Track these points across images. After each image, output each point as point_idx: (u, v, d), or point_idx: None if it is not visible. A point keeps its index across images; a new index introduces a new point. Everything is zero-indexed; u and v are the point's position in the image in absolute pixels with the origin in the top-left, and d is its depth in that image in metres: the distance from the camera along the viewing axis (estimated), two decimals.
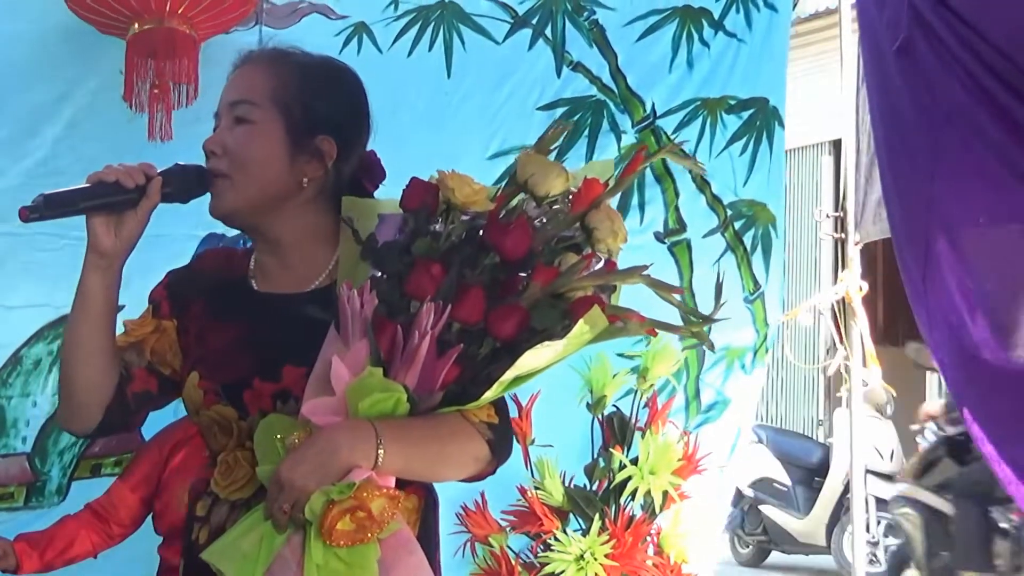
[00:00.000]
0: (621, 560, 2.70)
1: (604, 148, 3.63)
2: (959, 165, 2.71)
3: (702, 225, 3.71)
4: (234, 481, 1.84)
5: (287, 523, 1.67)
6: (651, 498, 2.81)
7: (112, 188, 1.83)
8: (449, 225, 1.75)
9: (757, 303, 3.76)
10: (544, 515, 2.76)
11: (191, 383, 1.88)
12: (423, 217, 1.76)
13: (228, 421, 1.84)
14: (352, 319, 1.71)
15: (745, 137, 3.74)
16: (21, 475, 3.25)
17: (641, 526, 2.76)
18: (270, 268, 1.94)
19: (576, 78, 3.63)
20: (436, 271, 1.70)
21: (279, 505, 1.67)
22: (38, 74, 3.23)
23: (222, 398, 1.85)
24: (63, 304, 3.23)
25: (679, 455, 2.85)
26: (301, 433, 1.70)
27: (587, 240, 1.78)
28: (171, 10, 3.00)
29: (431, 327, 1.67)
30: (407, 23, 3.48)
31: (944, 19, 2.67)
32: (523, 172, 1.76)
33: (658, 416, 2.91)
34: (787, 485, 9.34)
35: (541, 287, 1.72)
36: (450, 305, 1.68)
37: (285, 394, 1.80)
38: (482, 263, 1.73)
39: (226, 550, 1.72)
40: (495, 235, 1.72)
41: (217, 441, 1.87)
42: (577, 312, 1.71)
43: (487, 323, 1.70)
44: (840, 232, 4.32)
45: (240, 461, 1.84)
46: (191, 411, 1.90)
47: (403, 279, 1.71)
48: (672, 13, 3.69)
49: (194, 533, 1.88)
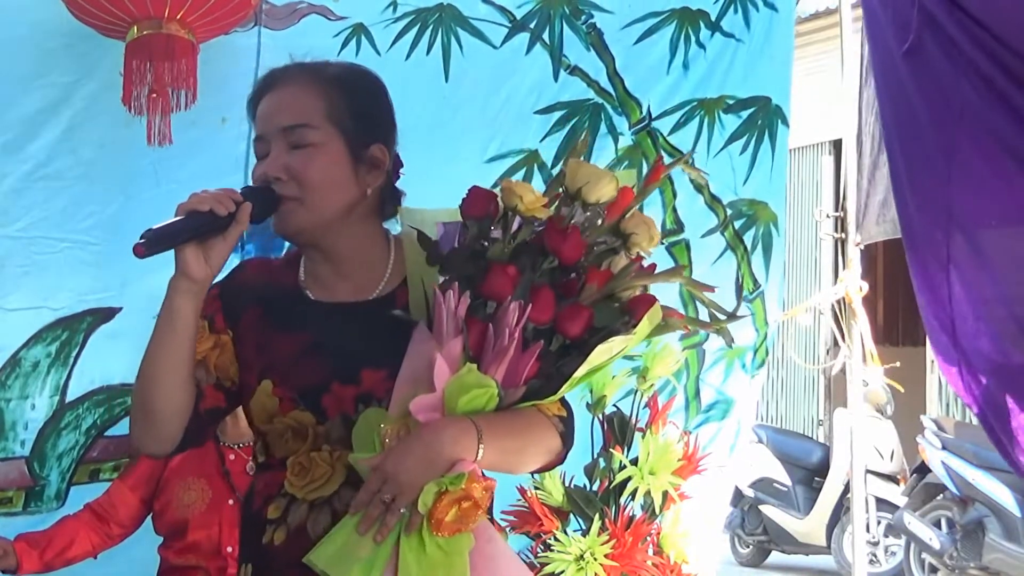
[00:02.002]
0: (621, 560, 2.70)
1: (602, 150, 3.63)
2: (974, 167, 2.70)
3: (700, 225, 3.71)
4: (312, 481, 1.86)
5: (381, 514, 1.74)
6: (651, 498, 2.81)
7: (208, 217, 1.83)
8: (509, 231, 1.86)
9: (757, 302, 3.76)
10: (544, 515, 2.76)
11: (264, 391, 1.90)
12: (487, 224, 1.87)
13: (304, 426, 1.88)
14: (447, 318, 1.80)
15: (745, 136, 3.73)
16: (20, 480, 3.26)
17: (641, 526, 2.76)
18: (326, 277, 1.98)
19: (574, 82, 3.63)
20: (512, 272, 1.82)
21: (381, 496, 1.74)
22: (36, 78, 3.23)
23: (299, 404, 1.88)
24: (61, 306, 3.27)
25: (679, 455, 2.85)
26: (394, 427, 1.79)
27: (623, 244, 1.89)
28: (170, 15, 3.00)
29: (518, 324, 1.79)
30: (405, 25, 3.49)
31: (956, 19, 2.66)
32: (576, 180, 1.87)
33: (658, 416, 2.91)
34: (787, 485, 9.34)
35: (598, 288, 1.84)
36: (529, 304, 1.80)
37: (367, 397, 1.87)
38: (541, 267, 1.84)
39: (340, 557, 1.75)
40: (555, 240, 1.84)
41: (288, 446, 1.89)
42: (637, 309, 1.86)
43: (556, 322, 1.82)
44: (840, 232, 4.32)
45: (317, 461, 1.87)
46: (262, 419, 1.91)
47: (475, 282, 1.82)
48: (670, 15, 3.70)
49: (267, 536, 1.89)
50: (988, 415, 2.82)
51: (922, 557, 8.19)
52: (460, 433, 1.77)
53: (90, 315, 3.29)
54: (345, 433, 1.85)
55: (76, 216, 3.27)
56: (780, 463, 9.43)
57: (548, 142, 3.57)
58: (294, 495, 1.88)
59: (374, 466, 1.77)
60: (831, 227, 5.13)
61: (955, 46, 2.67)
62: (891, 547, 8.71)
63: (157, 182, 3.33)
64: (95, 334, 3.30)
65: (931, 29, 2.74)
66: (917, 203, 2.90)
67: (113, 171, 3.29)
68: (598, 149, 3.63)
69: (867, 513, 8.00)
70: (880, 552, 8.71)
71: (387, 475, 1.75)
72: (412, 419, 1.78)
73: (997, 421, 2.78)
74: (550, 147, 3.56)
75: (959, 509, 7.88)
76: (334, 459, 1.86)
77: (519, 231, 1.87)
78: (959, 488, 7.83)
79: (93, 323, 3.30)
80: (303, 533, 1.85)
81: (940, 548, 7.85)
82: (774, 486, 9.38)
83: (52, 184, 3.25)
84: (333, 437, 1.87)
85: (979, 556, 7.73)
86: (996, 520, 7.67)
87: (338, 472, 1.86)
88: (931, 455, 8.02)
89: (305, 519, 1.86)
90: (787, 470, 9.40)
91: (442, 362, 1.78)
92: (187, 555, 3.07)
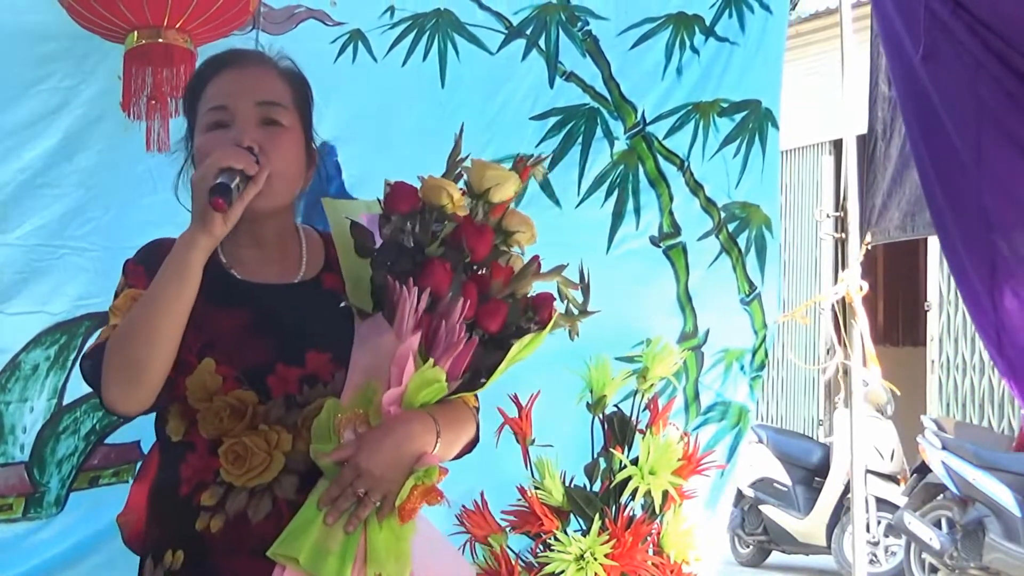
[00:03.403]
0: (621, 560, 2.70)
1: (598, 154, 3.64)
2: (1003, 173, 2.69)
3: (697, 228, 3.71)
4: (250, 469, 1.87)
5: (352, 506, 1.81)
6: (651, 498, 2.81)
7: (240, 175, 1.86)
8: (428, 227, 1.93)
9: (754, 305, 3.76)
10: (544, 515, 2.76)
11: (206, 369, 1.89)
12: (410, 219, 1.92)
13: (245, 405, 1.88)
14: (409, 314, 1.85)
15: (738, 140, 3.74)
16: (20, 486, 3.25)
17: (641, 526, 2.76)
18: (250, 260, 2.01)
19: (569, 88, 3.63)
20: (448, 268, 1.88)
21: (354, 489, 1.81)
22: (35, 83, 3.22)
23: (243, 383, 1.89)
24: (60, 311, 3.28)
25: (680, 455, 2.85)
26: (347, 418, 1.85)
27: (505, 241, 2.00)
28: (169, 23, 2.99)
29: (462, 319, 1.87)
30: (403, 31, 3.48)
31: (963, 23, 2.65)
32: (483, 181, 1.98)
33: (659, 417, 2.90)
34: (787, 485, 9.34)
35: (503, 284, 1.96)
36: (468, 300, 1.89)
37: (312, 379, 1.91)
38: (460, 262, 1.93)
39: (314, 550, 1.79)
40: (472, 237, 1.93)
41: (222, 425, 1.89)
42: (541, 307, 1.99)
43: (478, 317, 1.92)
44: (840, 232, 4.31)
45: (252, 448, 1.87)
46: (201, 397, 1.90)
47: (412, 276, 1.87)
48: (666, 20, 3.69)
49: (200, 523, 1.88)
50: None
51: (922, 557, 8.20)
52: (423, 428, 1.87)
53: (88, 320, 3.29)
54: (285, 413, 1.88)
55: (74, 223, 3.27)
56: (780, 463, 9.43)
57: (543, 147, 3.58)
58: (231, 483, 1.88)
59: (342, 459, 1.82)
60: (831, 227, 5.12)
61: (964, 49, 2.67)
62: (891, 547, 8.71)
63: (155, 189, 3.33)
64: (93, 338, 3.30)
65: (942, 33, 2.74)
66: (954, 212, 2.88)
67: (111, 178, 3.29)
68: (594, 153, 3.64)
69: (867, 513, 8.01)
70: (880, 552, 8.71)
71: (361, 470, 1.81)
72: (369, 411, 1.84)
73: None
74: (545, 152, 3.56)
75: (959, 509, 7.89)
76: (271, 446, 1.88)
77: (442, 228, 1.93)
78: (959, 488, 7.83)
79: (91, 327, 3.30)
80: (243, 520, 1.86)
81: (940, 548, 7.86)
82: (774, 486, 9.39)
83: (50, 191, 3.26)
84: (273, 417, 1.89)
85: (979, 556, 7.73)
86: (996, 520, 7.68)
87: (276, 459, 1.88)
88: (931, 455, 8.02)
89: (245, 507, 1.87)
90: (787, 470, 9.40)
91: (408, 357, 1.84)
92: None
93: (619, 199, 3.64)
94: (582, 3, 3.64)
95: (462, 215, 1.95)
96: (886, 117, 3.73)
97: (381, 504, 1.84)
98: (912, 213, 3.64)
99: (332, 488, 1.83)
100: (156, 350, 1.84)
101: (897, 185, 3.71)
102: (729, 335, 3.74)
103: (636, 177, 3.67)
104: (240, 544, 1.86)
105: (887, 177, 3.75)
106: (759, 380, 3.85)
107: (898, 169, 3.69)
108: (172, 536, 1.93)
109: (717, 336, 3.74)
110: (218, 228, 1.85)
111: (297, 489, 1.88)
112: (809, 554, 9.45)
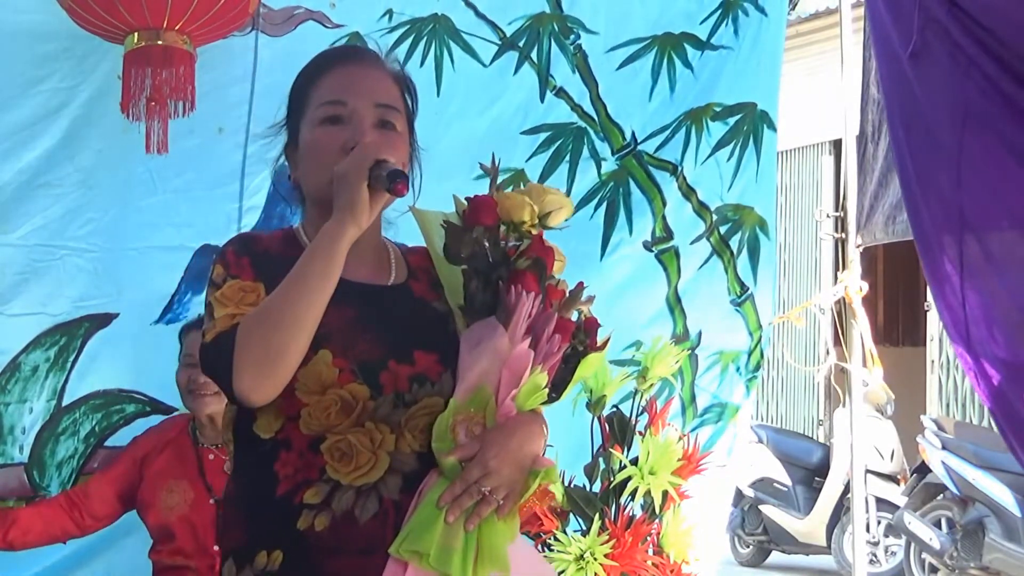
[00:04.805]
0: (621, 560, 2.70)
1: (584, 173, 3.66)
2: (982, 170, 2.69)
3: (690, 232, 3.73)
4: (358, 467, 1.85)
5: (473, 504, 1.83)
6: (651, 498, 2.81)
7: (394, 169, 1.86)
8: (501, 241, 1.98)
9: (747, 306, 3.77)
10: (544, 515, 2.76)
11: (323, 361, 1.85)
12: (492, 232, 1.97)
13: (356, 401, 1.86)
14: (524, 318, 1.89)
15: (732, 143, 3.74)
16: (20, 488, 3.26)
17: (641, 526, 2.76)
18: (348, 260, 1.93)
19: (559, 103, 3.66)
20: (537, 281, 1.93)
21: (477, 487, 1.83)
22: (35, 84, 3.23)
23: (358, 377, 1.86)
24: (59, 312, 3.29)
25: (679, 455, 2.85)
26: (461, 419, 1.87)
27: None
28: (169, 24, 3.00)
29: (556, 330, 1.93)
30: (400, 35, 3.49)
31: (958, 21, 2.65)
32: (544, 205, 2.01)
33: (657, 418, 2.91)
34: (787, 485, 9.34)
35: (559, 303, 1.99)
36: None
37: (421, 378, 1.89)
38: (543, 277, 1.98)
39: (442, 549, 1.81)
40: (545, 253, 1.98)
41: (328, 421, 1.86)
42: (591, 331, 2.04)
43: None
44: (840, 232, 4.31)
45: (357, 446, 1.85)
46: (314, 389, 1.86)
47: (501, 285, 1.93)
48: (651, 42, 3.70)
49: (303, 522, 1.84)
50: (999, 415, 2.82)
51: (922, 557, 8.19)
52: (540, 430, 1.93)
53: (87, 321, 3.31)
54: (391, 411, 1.86)
55: (74, 224, 3.29)
56: (780, 463, 9.43)
57: (533, 162, 3.60)
58: (339, 481, 1.85)
59: (466, 457, 1.84)
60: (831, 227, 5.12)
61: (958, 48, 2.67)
62: (891, 547, 8.71)
63: (154, 190, 3.34)
64: (92, 339, 3.31)
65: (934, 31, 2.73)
66: (929, 207, 2.89)
67: (111, 179, 3.30)
68: (580, 172, 3.66)
69: (867, 513, 8.01)
70: (880, 552, 8.71)
71: (489, 468, 1.84)
72: (485, 413, 1.88)
73: (1008, 422, 2.78)
74: (535, 167, 3.59)
75: (959, 509, 7.89)
76: (375, 445, 1.86)
77: (520, 243, 1.97)
78: (959, 488, 7.83)
79: (90, 328, 3.31)
80: (350, 519, 1.83)
81: (940, 548, 7.85)
82: (774, 486, 9.39)
83: (51, 192, 3.26)
84: (379, 414, 1.86)
85: (979, 556, 7.73)
86: (996, 520, 7.68)
87: (381, 459, 1.86)
88: (931, 455, 8.02)
89: (352, 505, 1.84)
90: (787, 470, 9.40)
91: (529, 360, 1.89)
92: (176, 556, 3.10)
93: (609, 210, 3.66)
94: (574, 14, 3.65)
95: (534, 232, 2.00)
96: (875, 120, 3.74)
97: (503, 503, 1.86)
98: (893, 216, 3.65)
99: (455, 486, 1.83)
100: (298, 337, 1.82)
101: (882, 188, 3.72)
102: (723, 337, 3.75)
103: (627, 188, 3.69)
104: (346, 543, 1.83)
105: (874, 180, 3.76)
106: (755, 381, 3.85)
107: (883, 172, 3.70)
108: (267, 536, 1.88)
109: (711, 338, 3.75)
110: (366, 219, 1.85)
111: (400, 489, 1.86)
112: (809, 554, 9.45)
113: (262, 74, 3.39)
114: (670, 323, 3.69)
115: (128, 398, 3.37)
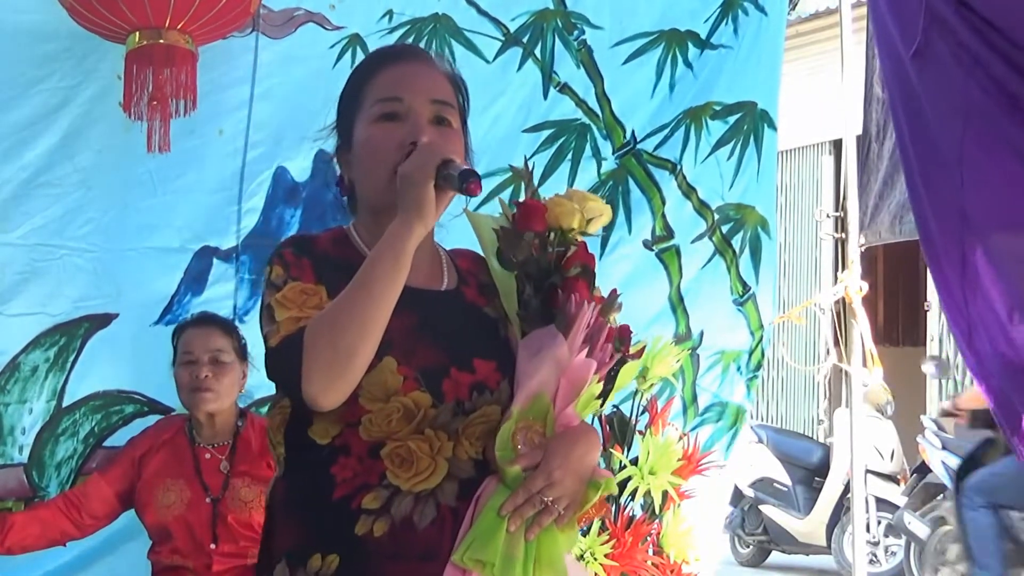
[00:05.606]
0: (621, 560, 2.70)
1: (585, 171, 3.66)
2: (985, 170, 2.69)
3: (690, 231, 3.73)
4: (417, 473, 1.84)
5: (535, 513, 1.82)
6: (651, 498, 2.81)
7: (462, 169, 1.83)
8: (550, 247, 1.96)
9: (749, 306, 3.76)
10: None
11: (388, 368, 1.83)
12: (544, 239, 1.96)
13: (418, 408, 1.84)
14: (583, 327, 1.89)
15: (732, 142, 3.74)
16: (19, 489, 3.26)
17: (641, 526, 2.76)
18: None
19: (562, 99, 3.65)
20: (588, 288, 1.94)
21: (540, 497, 1.82)
22: (36, 83, 3.23)
23: (421, 385, 1.85)
24: (59, 312, 3.28)
25: (679, 455, 2.85)
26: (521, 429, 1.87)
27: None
28: (171, 24, 3.00)
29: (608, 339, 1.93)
30: (401, 36, 3.48)
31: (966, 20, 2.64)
32: (587, 211, 1.99)
33: (658, 418, 2.91)
34: (787, 485, 9.33)
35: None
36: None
37: (481, 386, 1.88)
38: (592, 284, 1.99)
39: (505, 558, 1.81)
40: (590, 259, 1.98)
41: (389, 428, 1.84)
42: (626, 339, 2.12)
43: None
44: (840, 232, 4.32)
45: (416, 453, 1.84)
46: (378, 396, 1.84)
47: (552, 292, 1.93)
48: (659, 36, 3.70)
49: (361, 527, 1.83)
50: (1000, 416, 2.82)
51: (922, 557, 8.18)
52: (597, 441, 1.93)
53: (87, 321, 3.30)
54: (451, 419, 1.85)
55: (74, 223, 3.28)
56: (780, 463, 9.42)
57: (534, 160, 3.58)
58: (398, 487, 1.84)
59: (530, 467, 1.83)
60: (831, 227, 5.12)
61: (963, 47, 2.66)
62: (891, 547, 8.70)
63: (154, 190, 3.34)
64: (92, 340, 3.31)
65: (939, 31, 2.73)
66: (933, 207, 2.89)
67: (111, 178, 3.30)
68: (582, 171, 3.65)
69: (867, 513, 8.00)
70: (880, 552, 8.70)
71: (553, 478, 1.83)
72: (545, 422, 1.87)
73: (1008, 422, 2.78)
74: (537, 165, 3.57)
75: None
76: (434, 452, 1.85)
77: (567, 249, 1.97)
78: None
79: (90, 329, 3.31)
80: (409, 525, 1.83)
81: (940, 548, 7.85)
82: (774, 486, 9.37)
83: (51, 191, 3.26)
84: (439, 422, 1.85)
85: None
86: None
87: (440, 465, 1.85)
88: (931, 455, 8.01)
89: (411, 511, 1.83)
90: (787, 470, 9.39)
91: (591, 369, 1.89)
92: (174, 556, 3.10)
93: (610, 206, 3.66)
94: (578, 10, 3.64)
95: (579, 239, 1.99)
96: (879, 119, 3.74)
97: (563, 512, 1.85)
98: (900, 215, 3.65)
99: (518, 495, 1.82)
100: (367, 340, 1.79)
101: (888, 187, 3.71)
102: (724, 336, 3.75)
103: (626, 187, 3.68)
104: (405, 549, 1.83)
105: (879, 179, 3.76)
106: (756, 381, 3.85)
107: (889, 172, 3.70)
108: (322, 540, 1.86)
109: (712, 338, 3.75)
110: (432, 219, 1.82)
111: (457, 496, 1.86)
112: (809, 554, 9.44)
113: (261, 77, 3.39)
114: (672, 323, 3.69)
115: (127, 399, 3.37)
